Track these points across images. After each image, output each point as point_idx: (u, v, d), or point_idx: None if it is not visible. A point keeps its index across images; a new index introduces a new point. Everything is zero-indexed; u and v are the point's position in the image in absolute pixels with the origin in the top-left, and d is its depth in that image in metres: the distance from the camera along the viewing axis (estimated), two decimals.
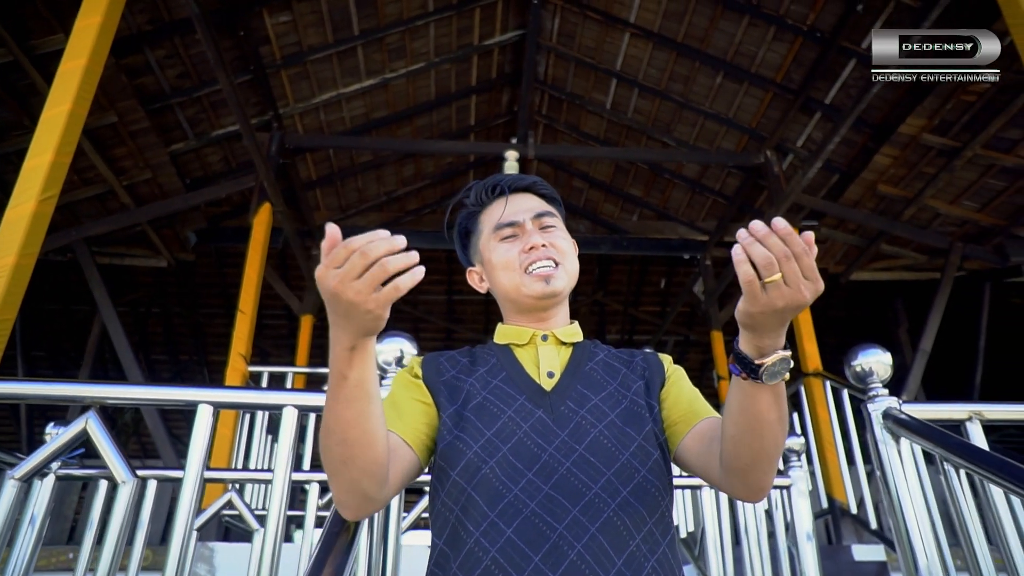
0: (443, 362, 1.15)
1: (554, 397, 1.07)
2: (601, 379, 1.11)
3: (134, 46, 4.59)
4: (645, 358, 1.19)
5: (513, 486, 0.96)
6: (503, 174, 1.24)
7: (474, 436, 1.01)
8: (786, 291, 0.82)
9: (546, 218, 1.18)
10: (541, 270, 1.12)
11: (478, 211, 1.24)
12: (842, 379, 4.54)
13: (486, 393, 1.07)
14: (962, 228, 5.90)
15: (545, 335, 1.16)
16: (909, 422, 1.64)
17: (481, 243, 1.22)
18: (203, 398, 1.64)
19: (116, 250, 6.02)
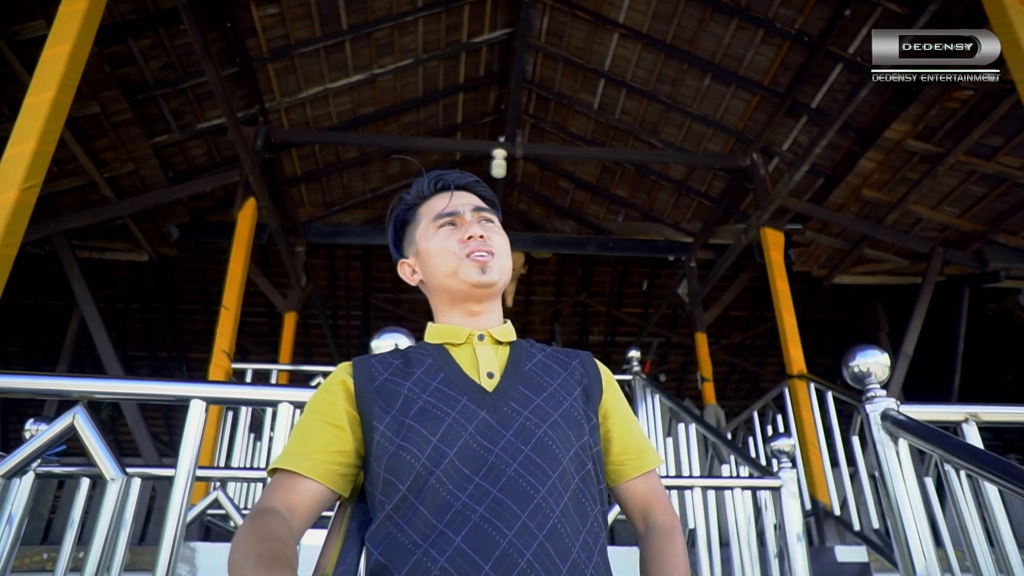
0: (375, 365, 1.11)
1: (496, 397, 1.05)
2: (541, 380, 1.10)
3: (117, 35, 4.50)
4: (582, 362, 1.18)
5: (460, 493, 0.94)
6: (446, 171, 1.24)
7: (419, 445, 0.98)
8: None
9: (485, 213, 1.20)
10: (478, 257, 1.12)
11: (418, 204, 1.24)
12: (826, 381, 4.57)
13: (427, 396, 1.04)
14: (943, 233, 5.97)
15: (481, 335, 1.14)
16: (908, 423, 1.65)
17: (418, 233, 1.21)
18: (196, 393, 1.60)
19: (96, 244, 5.90)
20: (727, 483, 2.93)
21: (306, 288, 6.96)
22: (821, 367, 9.38)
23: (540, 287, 9.03)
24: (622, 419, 1.17)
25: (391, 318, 9.58)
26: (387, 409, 1.03)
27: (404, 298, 9.27)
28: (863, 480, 4.13)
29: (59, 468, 2.21)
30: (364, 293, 9.06)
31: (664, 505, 1.14)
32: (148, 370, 9.98)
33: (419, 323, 9.60)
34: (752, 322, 9.30)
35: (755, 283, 7.82)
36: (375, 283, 9.00)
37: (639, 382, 4.82)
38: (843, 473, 4.27)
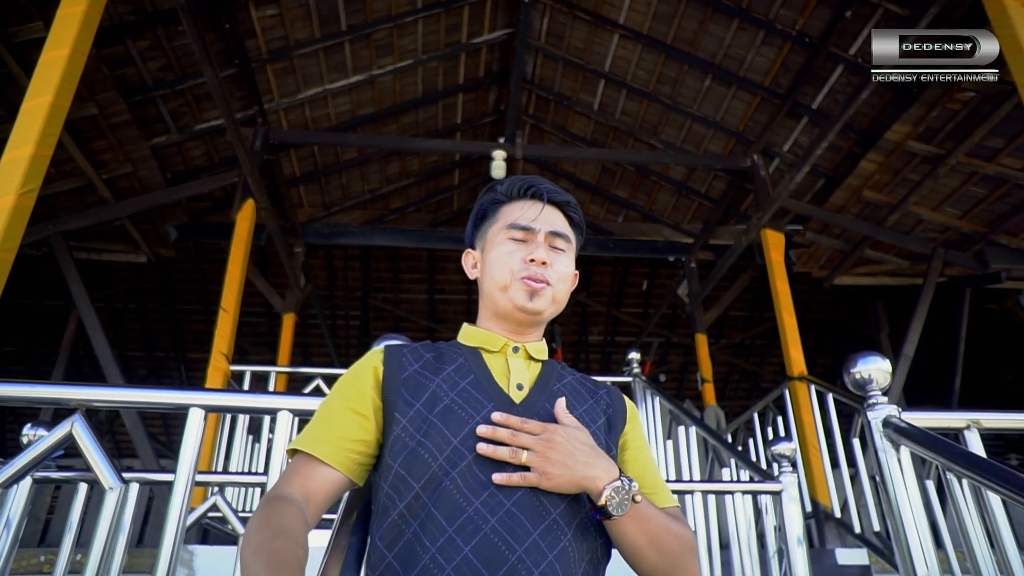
0: (406, 355, 1.11)
1: (522, 411, 1.04)
2: (568, 401, 1.09)
3: (116, 37, 4.49)
4: (609, 393, 1.18)
5: (474, 499, 0.93)
6: (542, 179, 1.21)
7: (439, 444, 0.97)
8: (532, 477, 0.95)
9: (559, 240, 1.17)
10: (532, 283, 1.11)
11: (503, 202, 1.22)
12: (827, 383, 4.56)
13: (454, 395, 1.03)
14: (944, 234, 5.96)
15: (517, 347, 1.14)
16: (910, 431, 1.64)
17: (491, 232, 1.20)
18: (195, 401, 1.59)
19: (94, 245, 5.88)
20: (727, 487, 2.92)
21: (305, 289, 6.95)
22: (821, 367, 9.38)
23: None
24: (640, 453, 1.16)
25: (390, 318, 9.57)
26: (411, 402, 1.02)
27: (403, 298, 9.26)
28: (864, 482, 4.13)
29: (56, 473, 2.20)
30: (363, 293, 9.05)
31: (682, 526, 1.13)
32: (146, 370, 9.97)
33: (418, 323, 9.62)
34: (752, 322, 9.29)
35: (755, 283, 7.81)
36: (374, 283, 8.99)
37: (639, 384, 4.81)
38: (844, 475, 4.26)
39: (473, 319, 1.21)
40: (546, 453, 0.95)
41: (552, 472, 0.94)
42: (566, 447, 0.96)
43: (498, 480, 0.93)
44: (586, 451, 0.97)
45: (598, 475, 0.95)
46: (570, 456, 0.95)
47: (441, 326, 9.51)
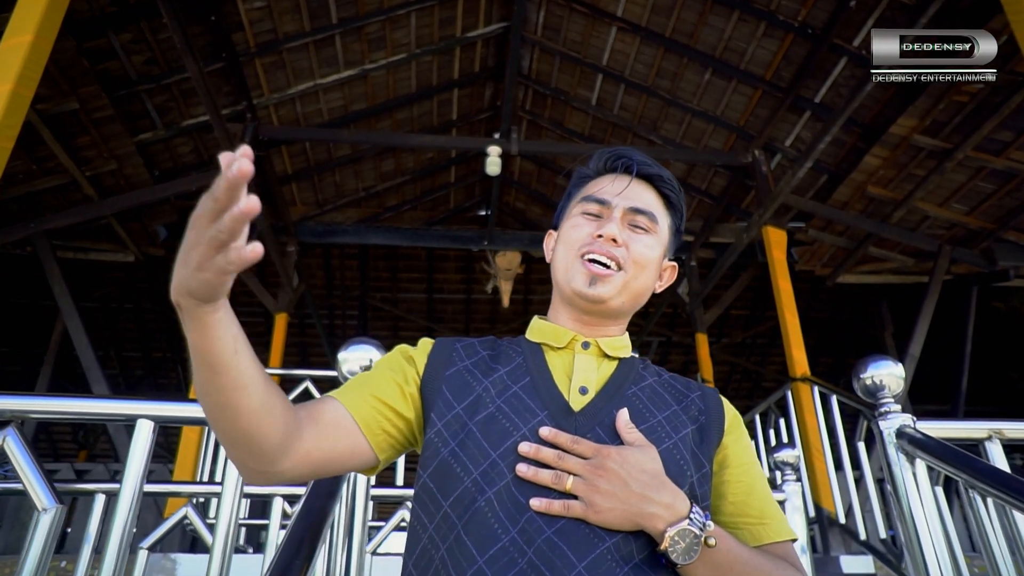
0: (458, 350, 0.97)
1: (581, 420, 0.88)
2: (644, 409, 0.91)
3: (97, 29, 4.35)
4: (703, 396, 0.98)
5: (511, 527, 0.78)
6: (636, 150, 1.04)
7: (474, 457, 0.83)
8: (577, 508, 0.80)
9: (642, 218, 0.98)
10: (595, 266, 0.94)
11: (589, 178, 1.06)
12: (831, 385, 4.42)
13: (501, 402, 0.88)
14: (951, 231, 5.82)
15: (587, 342, 0.97)
16: (927, 442, 1.50)
17: (569, 208, 1.05)
18: (144, 412, 1.46)
19: (80, 244, 5.75)
20: None
21: (298, 288, 6.82)
22: (823, 366, 9.24)
23: (539, 286, 8.87)
24: (744, 472, 0.94)
25: (388, 318, 9.44)
26: (452, 404, 0.89)
27: (402, 298, 9.13)
28: (869, 486, 3.99)
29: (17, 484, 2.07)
30: (361, 293, 8.92)
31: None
32: (143, 371, 9.87)
33: (417, 324, 9.49)
34: (753, 321, 9.15)
35: (756, 282, 7.67)
36: (372, 282, 8.86)
37: None
38: (848, 479, 4.11)
39: (473, 318, 1.05)
40: (595, 481, 0.79)
41: (601, 504, 0.78)
42: (619, 475, 0.79)
43: (536, 506, 0.79)
44: (645, 480, 0.80)
45: (657, 512, 0.78)
46: (623, 486, 0.79)
47: (440, 325, 9.39)
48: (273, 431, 0.79)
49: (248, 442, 0.78)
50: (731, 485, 0.93)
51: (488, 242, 6.81)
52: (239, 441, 0.79)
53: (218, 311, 0.69)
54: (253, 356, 0.76)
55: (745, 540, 0.88)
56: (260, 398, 0.77)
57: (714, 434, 0.94)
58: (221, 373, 0.73)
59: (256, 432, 0.78)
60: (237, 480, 1.55)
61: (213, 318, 0.69)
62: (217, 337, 0.71)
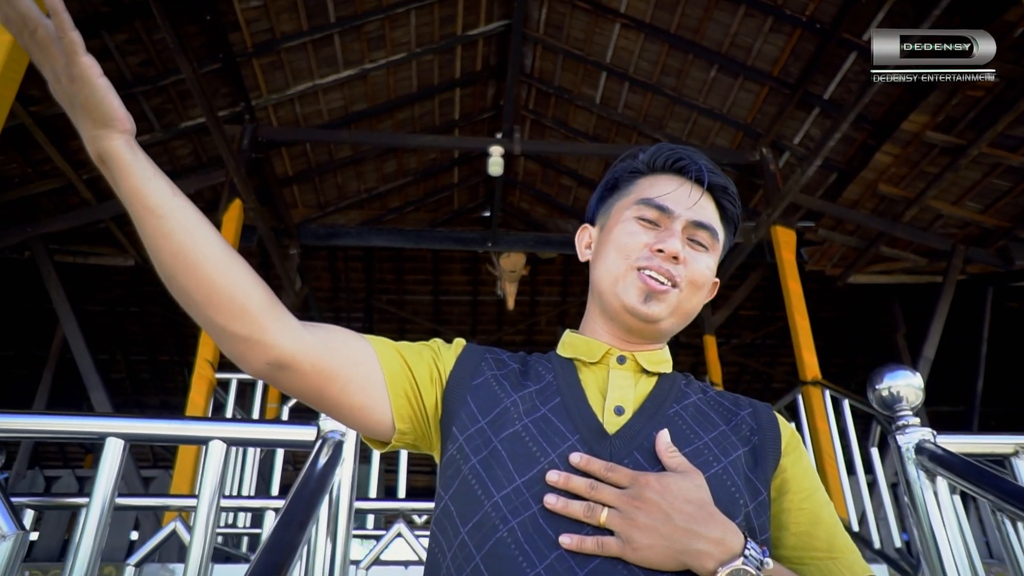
0: (488, 359, 0.89)
1: (617, 443, 0.78)
2: (688, 430, 0.81)
3: (90, 29, 4.28)
4: (755, 413, 0.87)
5: (538, 562, 0.69)
6: (697, 152, 0.94)
7: (498, 480, 0.74)
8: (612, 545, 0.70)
9: (703, 233, 0.89)
10: (651, 279, 0.84)
11: (642, 172, 0.95)
12: (842, 388, 4.31)
13: (528, 421, 0.79)
14: (964, 230, 5.69)
15: (623, 356, 0.88)
16: (949, 460, 1.39)
17: (617, 206, 0.94)
18: (112, 430, 1.37)
19: (78, 248, 5.70)
20: None
21: (301, 291, 6.75)
22: (834, 367, 9.09)
23: (546, 287, 8.78)
24: (807, 498, 0.83)
25: (394, 320, 9.37)
26: (476, 417, 0.81)
27: (408, 299, 9.06)
28: (883, 493, 3.88)
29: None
30: (366, 295, 8.85)
31: None
32: (149, 374, 9.84)
33: (422, 326, 9.41)
34: (763, 322, 9.02)
35: (765, 282, 7.55)
36: (377, 285, 8.79)
37: None
38: (861, 485, 4.00)
39: (480, 320, 0.96)
40: (632, 514, 0.70)
41: (639, 540, 0.69)
42: (660, 506, 0.70)
43: (566, 544, 0.69)
44: (690, 512, 0.70)
45: (705, 549, 0.68)
46: (665, 520, 0.69)
47: (446, 327, 9.31)
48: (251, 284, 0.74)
49: (219, 293, 0.73)
50: (793, 514, 0.82)
51: (492, 243, 6.71)
52: (210, 295, 0.73)
53: (134, 150, 0.71)
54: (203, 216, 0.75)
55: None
56: (221, 247, 0.73)
57: (770, 456, 0.83)
58: (164, 215, 0.71)
59: (226, 280, 0.72)
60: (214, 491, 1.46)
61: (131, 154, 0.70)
62: (146, 177, 0.71)
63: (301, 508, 1.19)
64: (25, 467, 7.57)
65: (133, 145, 0.71)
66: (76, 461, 11.33)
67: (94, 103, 0.67)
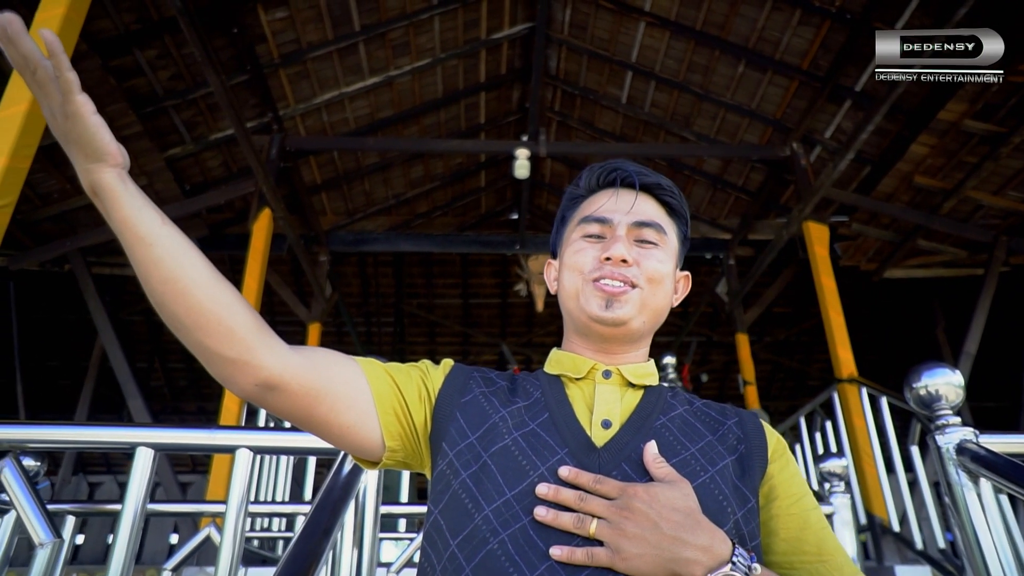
0: (476, 377, 0.91)
1: (605, 456, 0.80)
2: (675, 440, 0.83)
3: (122, 47, 4.38)
4: (741, 423, 0.89)
5: (528, 573, 0.70)
6: (627, 162, 0.98)
7: (488, 493, 0.76)
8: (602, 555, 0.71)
9: (647, 231, 0.92)
10: (607, 286, 0.87)
11: (583, 197, 0.99)
12: (880, 386, 4.21)
13: (517, 435, 0.81)
14: (1007, 220, 5.51)
15: (608, 371, 0.89)
16: (993, 460, 1.34)
17: (566, 233, 0.98)
18: (144, 440, 1.40)
19: (116, 260, 5.82)
20: None
21: (331, 298, 6.81)
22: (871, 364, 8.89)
23: None
24: (795, 503, 0.85)
25: (424, 324, 9.42)
26: (466, 433, 0.83)
27: (437, 303, 9.10)
28: (924, 492, 3.77)
29: None
30: (396, 300, 8.91)
31: None
32: (186, 382, 10.02)
33: (452, 329, 9.45)
34: (797, 319, 8.87)
35: (799, 278, 7.43)
36: (407, 289, 8.85)
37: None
38: (901, 484, 3.90)
39: (509, 322, 0.96)
40: (621, 524, 0.71)
41: (628, 550, 0.70)
42: (648, 516, 0.71)
43: (556, 556, 0.71)
44: (677, 520, 0.71)
45: (694, 557, 0.69)
46: (653, 529, 0.70)
47: (476, 330, 9.33)
48: (238, 308, 0.75)
49: (207, 317, 0.74)
50: (782, 520, 0.84)
51: (520, 246, 6.71)
52: (200, 320, 0.74)
53: (126, 182, 0.73)
54: (191, 243, 0.77)
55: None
56: (209, 272, 0.76)
57: (757, 464, 0.85)
58: (153, 243, 0.74)
59: (214, 305, 0.74)
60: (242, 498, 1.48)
61: (122, 186, 0.73)
62: (136, 207, 0.74)
63: (325, 516, 1.20)
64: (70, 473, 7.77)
65: (124, 178, 0.74)
66: (119, 466, 11.60)
67: (87, 139, 0.70)
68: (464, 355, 9.99)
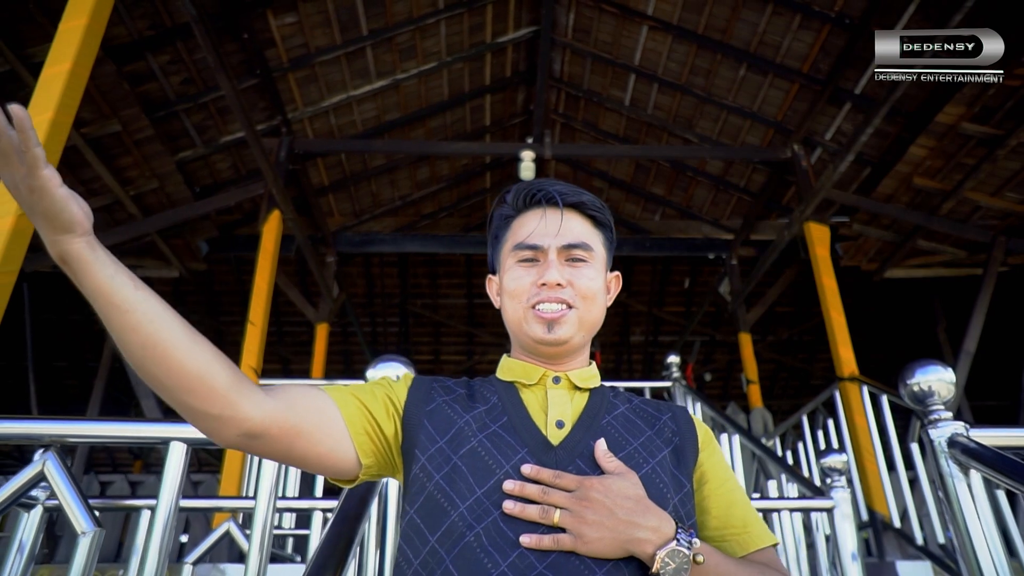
0: (435, 388, 0.99)
1: (561, 453, 0.90)
2: (619, 436, 0.94)
3: (135, 52, 4.47)
4: (674, 417, 1.01)
5: (501, 561, 0.80)
6: (551, 181, 1.05)
7: (461, 492, 0.85)
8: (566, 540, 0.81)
9: (577, 251, 0.99)
10: (547, 312, 0.96)
11: (512, 216, 1.06)
12: (880, 384, 4.28)
13: (483, 437, 0.90)
14: (1005, 221, 5.58)
15: (557, 377, 0.99)
16: (982, 452, 1.41)
17: (502, 255, 1.06)
18: (176, 435, 1.47)
19: (126, 261, 5.84)
20: (776, 504, 2.72)
21: (338, 298, 6.89)
22: (873, 364, 8.96)
23: None
24: (722, 485, 0.99)
25: (429, 324, 9.50)
26: (435, 438, 0.91)
27: (442, 303, 9.17)
28: (925, 489, 3.85)
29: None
30: (401, 300, 8.99)
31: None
32: None
33: (456, 329, 9.52)
34: (799, 318, 8.94)
35: (801, 278, 7.49)
36: (412, 289, 8.92)
37: (679, 389, 4.59)
38: (902, 481, 3.97)
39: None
40: (581, 513, 0.82)
41: (589, 535, 0.80)
42: (604, 504, 0.82)
43: (526, 543, 0.81)
44: (629, 507, 0.82)
45: (645, 536, 0.81)
46: (609, 515, 0.81)
47: (480, 330, 9.40)
48: (217, 365, 0.79)
49: (189, 378, 0.77)
50: (713, 500, 0.97)
51: None
52: (181, 380, 0.77)
53: (95, 250, 0.73)
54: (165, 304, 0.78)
55: (733, 551, 0.94)
56: (186, 332, 0.77)
57: (689, 453, 0.97)
58: (129, 309, 0.74)
59: (194, 365, 0.77)
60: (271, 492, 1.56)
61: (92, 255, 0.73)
62: (108, 275, 0.73)
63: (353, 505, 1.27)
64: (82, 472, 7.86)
65: (94, 244, 0.73)
66: (125, 466, 11.71)
67: (54, 212, 0.70)
68: (468, 355, 10.07)
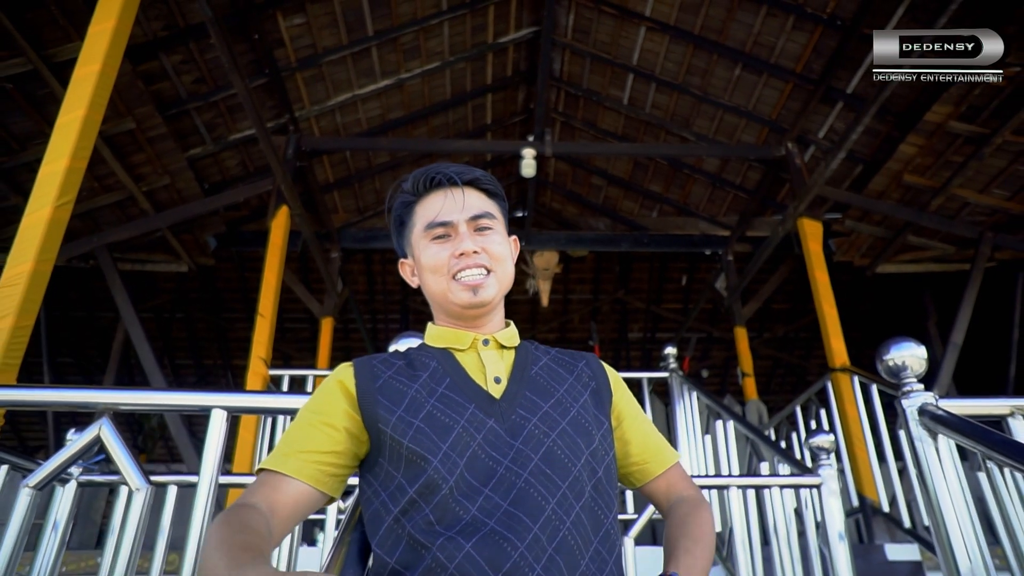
0: (376, 365, 1.08)
1: (504, 405, 1.02)
2: (548, 384, 1.08)
3: (150, 52, 4.61)
4: (588, 364, 1.16)
5: (471, 506, 0.93)
6: (445, 164, 1.16)
7: (431, 450, 0.96)
8: None
9: (483, 220, 1.13)
10: (469, 278, 1.08)
11: (413, 201, 1.16)
12: (871, 374, 4.43)
13: (434, 401, 1.01)
14: (992, 217, 5.74)
15: (487, 339, 1.12)
16: (947, 418, 1.57)
17: (413, 238, 1.16)
18: (217, 403, 1.61)
19: (137, 256, 6.05)
20: (766, 481, 2.86)
21: (342, 293, 7.03)
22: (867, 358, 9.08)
23: (578, 285, 8.97)
24: (635, 420, 1.18)
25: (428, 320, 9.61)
26: (392, 409, 1.01)
27: None
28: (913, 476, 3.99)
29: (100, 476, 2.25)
30: (402, 296, 9.13)
31: (688, 484, 1.16)
32: (195, 378, 10.23)
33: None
34: (795, 315, 9.09)
35: (796, 275, 7.64)
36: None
37: (676, 379, 4.74)
38: (891, 469, 4.13)
39: (511, 319, 1.19)
40: None
41: None
42: None
43: None
44: None
45: None
46: None
47: None
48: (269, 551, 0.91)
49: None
50: (631, 433, 1.16)
51: (525, 243, 6.93)
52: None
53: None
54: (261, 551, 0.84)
55: (653, 472, 1.16)
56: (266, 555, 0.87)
57: (605, 395, 1.13)
58: None
59: None
60: None
61: None
62: None
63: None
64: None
65: None
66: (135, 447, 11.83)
67: None
68: None
